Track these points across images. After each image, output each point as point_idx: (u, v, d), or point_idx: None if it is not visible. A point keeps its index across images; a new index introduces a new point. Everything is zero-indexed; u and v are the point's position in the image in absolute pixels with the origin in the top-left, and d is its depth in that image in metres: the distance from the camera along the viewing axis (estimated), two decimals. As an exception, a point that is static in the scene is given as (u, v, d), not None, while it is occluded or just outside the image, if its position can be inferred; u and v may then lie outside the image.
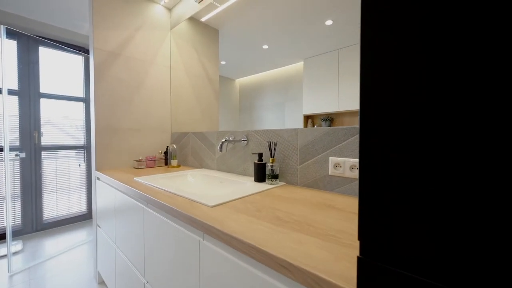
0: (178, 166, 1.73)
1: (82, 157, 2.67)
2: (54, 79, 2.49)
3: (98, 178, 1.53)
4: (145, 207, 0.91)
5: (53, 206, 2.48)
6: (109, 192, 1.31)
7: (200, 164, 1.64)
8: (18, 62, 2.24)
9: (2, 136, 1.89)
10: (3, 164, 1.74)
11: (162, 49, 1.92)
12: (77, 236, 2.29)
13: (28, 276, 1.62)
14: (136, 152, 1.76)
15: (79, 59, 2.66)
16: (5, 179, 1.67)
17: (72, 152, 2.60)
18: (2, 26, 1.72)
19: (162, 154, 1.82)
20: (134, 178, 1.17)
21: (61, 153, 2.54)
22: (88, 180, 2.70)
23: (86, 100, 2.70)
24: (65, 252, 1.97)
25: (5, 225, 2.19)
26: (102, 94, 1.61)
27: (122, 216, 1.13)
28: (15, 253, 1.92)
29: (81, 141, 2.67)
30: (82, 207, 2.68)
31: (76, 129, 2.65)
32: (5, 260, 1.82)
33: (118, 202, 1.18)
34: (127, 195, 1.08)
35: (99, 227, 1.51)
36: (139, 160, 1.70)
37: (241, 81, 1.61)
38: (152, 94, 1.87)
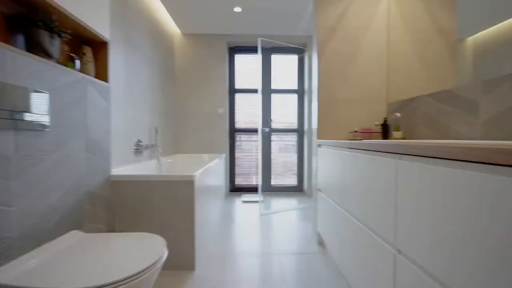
0: (403, 138, 1.42)
1: (296, 139, 3.23)
2: (278, 77, 3.23)
3: (320, 145, 1.65)
4: (399, 160, 0.74)
5: (276, 175, 3.24)
6: (333, 156, 1.34)
7: (440, 133, 1.20)
8: (262, 69, 3.17)
9: (259, 121, 2.72)
10: (257, 142, 2.52)
11: (378, 10, 1.70)
12: (291, 202, 2.79)
13: (267, 220, 2.20)
14: (351, 124, 1.71)
15: (294, 58, 3.24)
16: (259, 151, 2.40)
17: (288, 135, 3.24)
18: (259, 39, 2.47)
19: (379, 126, 1.61)
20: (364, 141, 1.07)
21: (281, 135, 3.25)
22: (299, 158, 3.21)
23: (298, 92, 3.22)
24: (285, 211, 2.46)
25: (256, 183, 3.25)
26: (323, 69, 1.72)
27: (355, 176, 1.07)
28: (261, 201, 2.73)
29: (295, 126, 3.24)
30: (293, 181, 3.25)
31: (292, 116, 3.25)
32: (257, 205, 2.64)
33: (348, 162, 1.14)
34: (365, 153, 0.99)
35: (320, 191, 1.64)
36: (354, 131, 1.62)
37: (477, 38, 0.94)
38: (366, 63, 1.72)
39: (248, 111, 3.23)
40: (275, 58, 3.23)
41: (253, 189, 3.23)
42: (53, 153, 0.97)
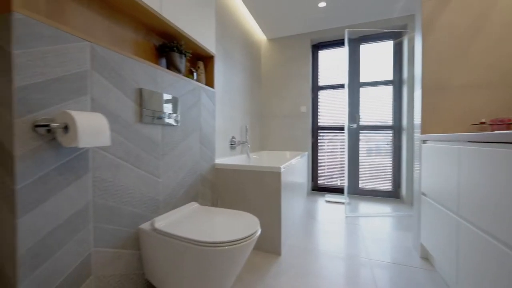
0: None
1: (390, 137, 2.82)
2: (368, 69, 2.91)
3: (425, 141, 1.39)
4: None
5: (365, 177, 2.93)
6: (446, 153, 1.10)
7: None
8: (349, 62, 2.96)
9: (345, 118, 2.58)
10: (342, 141, 2.37)
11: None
12: (384, 208, 2.45)
13: (354, 223, 2.04)
14: (472, 116, 1.35)
15: (389, 45, 2.84)
16: (346, 150, 2.26)
17: (380, 132, 2.86)
18: (346, 30, 2.33)
19: (524, 116, 1.18)
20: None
21: (371, 133, 2.90)
22: (396, 159, 2.78)
23: (394, 82, 2.79)
24: (375, 216, 2.18)
25: (340, 184, 3.08)
26: (430, 50, 1.44)
27: (486, 178, 0.85)
28: (347, 203, 2.55)
29: (389, 122, 2.83)
30: (386, 185, 2.83)
31: (385, 111, 2.85)
32: (342, 206, 2.50)
33: (471, 160, 0.92)
34: (503, 146, 0.78)
35: (425, 195, 1.38)
36: (480, 123, 1.26)
37: None
38: (497, 36, 1.30)
39: (332, 108, 3.10)
40: (365, 48, 2.94)
41: (337, 190, 3.06)
42: (181, 143, 1.30)
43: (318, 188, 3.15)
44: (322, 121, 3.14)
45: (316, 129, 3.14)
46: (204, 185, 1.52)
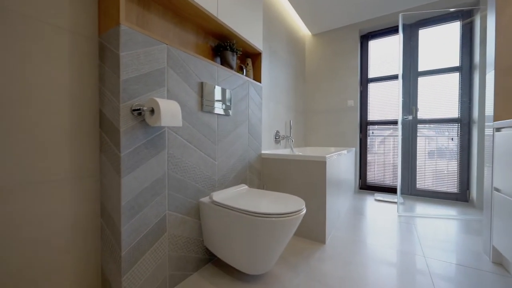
0: None
1: (455, 131, 2.47)
2: (429, 56, 2.61)
3: (499, 129, 1.22)
4: None
5: (423, 176, 2.63)
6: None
7: None
8: (404, 49, 2.71)
9: (398, 112, 2.40)
10: (394, 136, 2.20)
11: None
12: (446, 210, 2.16)
13: (408, 222, 1.87)
14: None
15: (454, 26, 2.49)
16: (399, 145, 2.09)
17: (443, 126, 2.53)
18: (400, 15, 2.17)
19: None
20: None
21: (431, 127, 2.59)
22: (463, 157, 2.42)
23: (462, 69, 2.44)
24: (435, 218, 1.95)
25: (393, 183, 2.85)
26: (505, 25, 1.25)
27: None
28: (400, 203, 2.35)
29: (455, 114, 2.48)
30: (451, 186, 2.49)
31: (449, 102, 2.52)
32: (393, 206, 2.32)
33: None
34: None
35: (498, 191, 1.20)
36: None
37: None
38: None
39: (384, 101, 2.89)
40: (424, 33, 2.65)
41: (388, 190, 2.83)
42: (232, 132, 1.45)
43: (367, 187, 2.97)
44: (372, 115, 2.95)
45: (365, 124, 2.98)
46: (252, 172, 1.65)
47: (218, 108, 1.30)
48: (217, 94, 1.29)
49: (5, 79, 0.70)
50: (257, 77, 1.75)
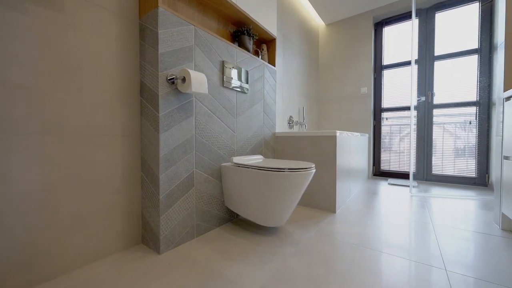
0: None
1: (474, 114, 2.43)
2: (446, 39, 2.58)
3: (508, 98, 1.25)
4: None
5: (440, 161, 2.61)
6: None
7: None
8: (420, 34, 2.70)
9: (410, 98, 2.42)
10: (408, 123, 2.23)
11: None
12: (461, 192, 2.15)
13: (419, 198, 1.90)
14: None
15: (473, 8, 2.45)
16: (412, 129, 2.12)
17: (460, 110, 2.50)
18: (413, 2, 2.19)
19: None
20: None
21: (448, 112, 2.56)
22: (481, 141, 2.39)
23: (481, 51, 2.40)
24: (448, 198, 1.96)
25: (408, 170, 2.85)
26: (517, -3, 1.28)
27: None
28: (414, 186, 2.37)
29: (473, 97, 2.45)
30: (469, 171, 2.45)
31: (467, 85, 2.48)
32: (408, 188, 2.35)
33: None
34: None
35: (508, 159, 1.24)
36: None
37: None
38: None
39: (399, 88, 2.89)
40: (441, 17, 2.62)
41: (403, 176, 2.84)
42: (249, 109, 1.59)
43: (380, 173, 2.99)
44: (387, 102, 2.96)
45: (379, 111, 2.99)
46: (266, 147, 1.78)
47: (236, 85, 1.44)
48: (236, 73, 1.44)
49: (68, 50, 0.89)
50: (271, 61, 1.88)
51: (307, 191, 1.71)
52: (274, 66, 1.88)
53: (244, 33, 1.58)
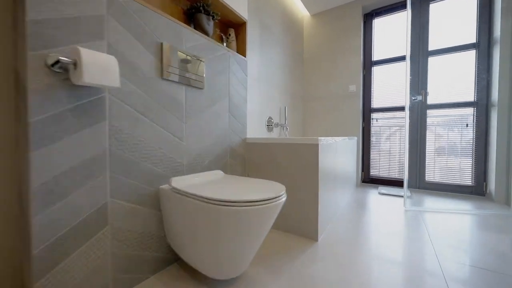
0: None
1: (471, 116, 2.20)
2: (441, 33, 2.33)
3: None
4: None
5: (434, 168, 2.37)
6: None
7: None
8: (412, 27, 2.44)
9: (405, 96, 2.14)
10: (401, 125, 1.96)
11: None
12: (460, 205, 1.91)
13: (415, 214, 1.63)
14: None
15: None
16: (406, 132, 1.84)
17: (457, 111, 2.26)
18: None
19: None
20: None
21: (443, 113, 2.32)
22: (479, 144, 2.15)
23: (479, 45, 2.16)
24: (447, 212, 1.70)
25: (400, 176, 2.59)
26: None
27: None
28: (408, 197, 2.11)
29: (470, 97, 2.21)
30: (465, 178, 2.22)
31: (464, 84, 2.24)
32: (401, 200, 2.07)
33: None
34: None
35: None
36: None
37: None
38: None
39: (390, 86, 2.62)
40: (436, 8, 2.37)
41: (394, 183, 2.58)
42: (208, 109, 1.23)
43: (370, 180, 2.72)
44: (377, 102, 2.69)
45: (368, 112, 2.72)
46: (234, 158, 1.43)
47: (186, 78, 1.08)
48: (185, 61, 1.07)
49: None
50: (241, 50, 1.53)
51: (283, 211, 1.38)
52: (245, 56, 1.52)
53: (200, 10, 1.21)
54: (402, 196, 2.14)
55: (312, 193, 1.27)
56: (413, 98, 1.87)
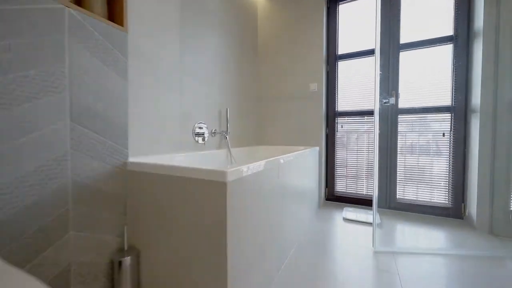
0: None
1: (448, 123, 1.83)
2: (413, 23, 1.95)
3: None
4: None
5: (405, 185, 1.98)
6: None
7: None
8: (381, 16, 2.02)
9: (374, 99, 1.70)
10: (370, 131, 1.50)
11: None
12: (438, 235, 1.52)
13: (387, 259, 1.17)
14: None
15: (447, -18, 1.84)
16: (376, 141, 1.38)
17: (432, 117, 1.89)
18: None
19: None
20: None
21: (416, 119, 1.94)
22: (457, 158, 1.79)
23: (458, 39, 1.80)
24: (425, 254, 1.29)
25: (367, 192, 2.17)
26: None
27: None
28: (378, 225, 1.67)
29: (446, 101, 1.84)
30: (441, 198, 1.86)
31: (439, 86, 1.87)
32: (370, 229, 1.62)
33: None
34: None
35: None
36: None
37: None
38: None
39: (359, 85, 2.19)
40: (407, -7, 1.98)
41: (362, 202, 2.16)
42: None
43: (335, 198, 2.28)
44: (343, 104, 2.25)
45: (332, 115, 2.27)
46: (90, 204, 0.82)
47: None
48: None
49: None
50: (117, 18, 0.92)
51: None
52: (122, 25, 0.92)
53: None
54: (370, 224, 1.70)
55: (218, 262, 0.71)
56: (384, 101, 1.42)
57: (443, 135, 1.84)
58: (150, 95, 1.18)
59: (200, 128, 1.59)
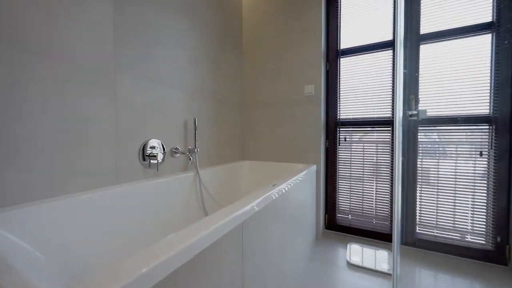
0: None
1: (487, 138, 1.39)
2: (437, 9, 1.51)
3: None
4: None
5: (429, 216, 1.54)
6: None
7: None
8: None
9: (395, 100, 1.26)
10: (382, 143, 1.06)
11: None
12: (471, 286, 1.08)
13: None
14: None
15: (484, -46, 1.40)
16: (397, 161, 0.95)
17: (464, 129, 1.45)
18: None
19: None
20: None
21: (441, 131, 1.50)
22: (499, 185, 1.35)
23: (500, 25, 1.36)
24: None
25: (376, 222, 1.71)
26: None
27: None
28: (396, 278, 1.23)
29: (482, 109, 1.40)
30: (477, 235, 1.42)
31: (472, 89, 1.43)
32: (384, 283, 1.18)
33: None
34: None
35: None
36: None
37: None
38: None
39: (366, 86, 1.75)
40: (429, -30, 1.54)
41: (371, 234, 1.71)
42: None
43: (338, 227, 1.83)
44: (346, 110, 1.81)
45: (334, 125, 1.83)
46: None
47: None
48: None
49: None
50: None
51: None
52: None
53: None
54: (386, 274, 1.25)
55: None
56: (410, 113, 0.99)
57: (480, 154, 1.39)
58: (48, 103, 0.75)
59: (153, 147, 1.15)
